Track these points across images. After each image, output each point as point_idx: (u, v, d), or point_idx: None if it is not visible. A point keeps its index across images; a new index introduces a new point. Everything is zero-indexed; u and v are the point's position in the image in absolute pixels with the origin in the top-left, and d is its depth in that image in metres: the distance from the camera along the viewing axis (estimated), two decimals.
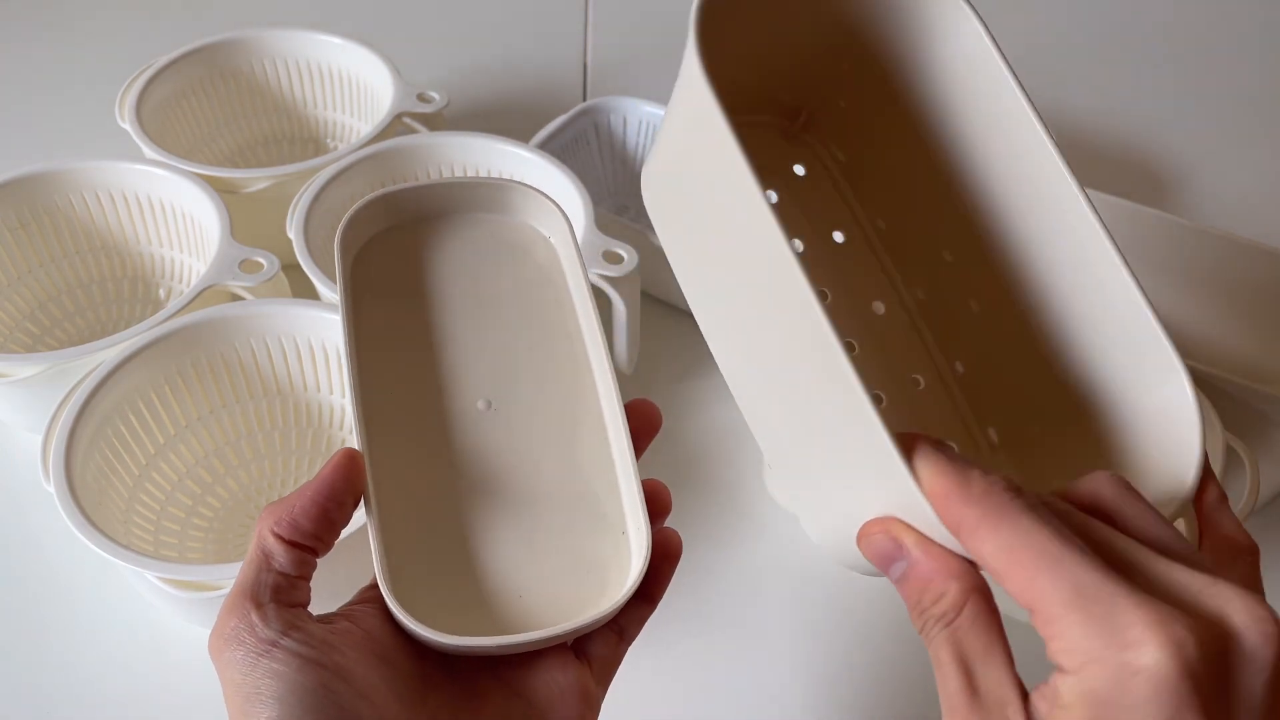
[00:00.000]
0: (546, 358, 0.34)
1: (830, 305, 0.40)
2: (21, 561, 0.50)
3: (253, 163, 0.71)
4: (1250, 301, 0.57)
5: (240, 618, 0.27)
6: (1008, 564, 0.23)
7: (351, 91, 0.70)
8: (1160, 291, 0.59)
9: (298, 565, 0.29)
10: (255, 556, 0.28)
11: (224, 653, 0.27)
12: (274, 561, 0.28)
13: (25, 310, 0.58)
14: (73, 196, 0.58)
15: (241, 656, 0.27)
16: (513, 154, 0.59)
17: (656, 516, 0.31)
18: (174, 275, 0.61)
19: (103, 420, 0.46)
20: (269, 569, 0.28)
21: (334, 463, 0.30)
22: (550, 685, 0.30)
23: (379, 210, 0.35)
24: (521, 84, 0.83)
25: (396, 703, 0.27)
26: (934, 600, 0.25)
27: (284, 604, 0.28)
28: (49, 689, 0.45)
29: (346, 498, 0.29)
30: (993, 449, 0.38)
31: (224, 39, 0.68)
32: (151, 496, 0.48)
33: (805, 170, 0.42)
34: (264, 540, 0.28)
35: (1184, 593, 0.22)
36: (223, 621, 0.27)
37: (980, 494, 0.23)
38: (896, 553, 0.26)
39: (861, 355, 0.40)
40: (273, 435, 0.53)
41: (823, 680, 0.46)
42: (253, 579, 0.28)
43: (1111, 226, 0.60)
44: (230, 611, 0.27)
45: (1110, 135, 0.80)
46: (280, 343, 0.51)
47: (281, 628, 0.27)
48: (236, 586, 0.28)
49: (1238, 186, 0.76)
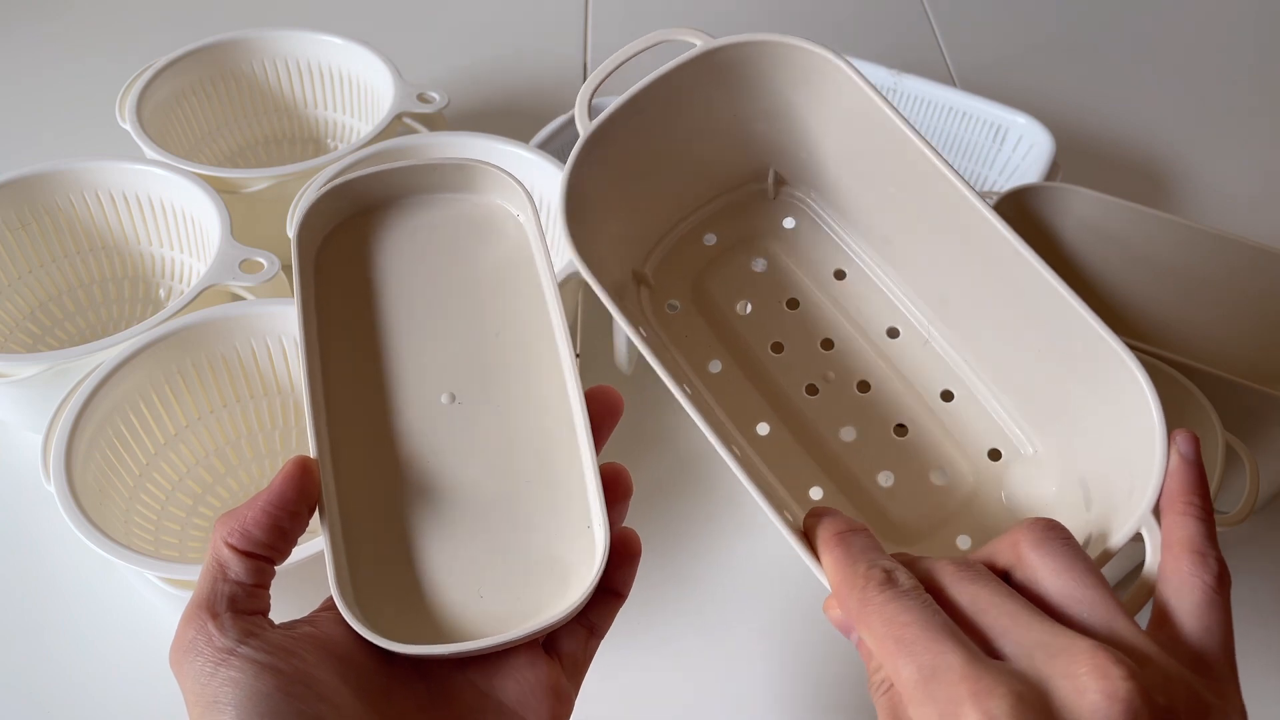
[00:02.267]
0: (512, 346, 0.33)
1: (835, 349, 0.42)
2: (22, 561, 0.50)
3: (253, 163, 0.71)
4: (1250, 301, 0.57)
5: (197, 629, 0.27)
6: (879, 650, 0.26)
7: (351, 91, 0.70)
8: (1161, 292, 0.59)
9: (254, 574, 0.28)
10: (211, 567, 0.28)
11: (183, 664, 0.27)
12: (229, 571, 0.28)
13: (26, 310, 0.58)
14: (73, 196, 0.58)
15: (199, 666, 0.26)
16: (513, 154, 0.59)
17: (619, 499, 0.31)
18: (174, 275, 0.61)
19: (103, 420, 0.46)
20: (225, 579, 0.28)
21: (285, 472, 0.29)
22: (520, 683, 0.30)
23: (337, 200, 0.34)
24: (521, 84, 0.83)
25: (360, 704, 0.27)
26: (873, 671, 0.27)
27: (241, 612, 0.28)
28: (49, 688, 0.45)
29: (299, 507, 0.29)
30: (976, 473, 0.39)
31: (224, 39, 0.68)
32: (152, 496, 0.48)
33: (795, 222, 0.44)
34: (218, 550, 0.28)
35: (1033, 655, 0.24)
36: (181, 633, 0.27)
37: (861, 584, 0.27)
38: (847, 628, 0.29)
39: (879, 382, 0.41)
40: (273, 435, 0.53)
41: (833, 680, 0.46)
42: (208, 590, 0.28)
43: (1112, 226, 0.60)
44: (188, 622, 0.27)
45: (1110, 135, 0.80)
46: (280, 343, 0.51)
47: (238, 636, 0.27)
48: (193, 598, 0.28)
49: (1238, 186, 0.76)
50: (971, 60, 0.88)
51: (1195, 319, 0.59)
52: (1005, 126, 0.69)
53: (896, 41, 0.90)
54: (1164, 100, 0.85)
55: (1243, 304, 0.57)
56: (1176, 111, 0.83)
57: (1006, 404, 0.39)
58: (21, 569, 0.50)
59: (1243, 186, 0.76)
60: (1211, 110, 0.84)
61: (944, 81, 0.75)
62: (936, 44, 0.90)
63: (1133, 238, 0.59)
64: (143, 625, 0.47)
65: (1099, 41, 0.92)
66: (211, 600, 0.27)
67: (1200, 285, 0.58)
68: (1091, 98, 0.84)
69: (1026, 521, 0.28)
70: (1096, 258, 0.60)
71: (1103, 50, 0.90)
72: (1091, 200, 0.59)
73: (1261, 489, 0.52)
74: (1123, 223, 0.59)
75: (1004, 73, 0.86)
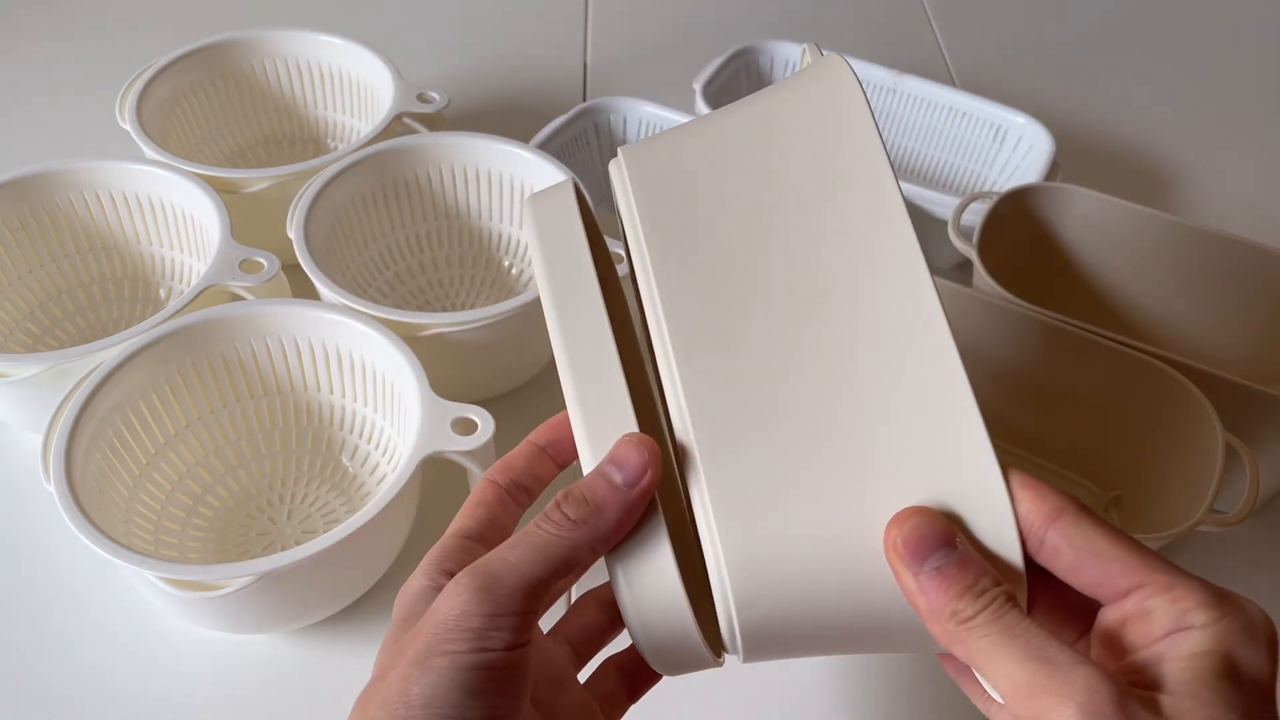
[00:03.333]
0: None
1: None
2: (21, 561, 0.50)
3: (253, 163, 0.71)
4: (1250, 301, 0.57)
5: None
6: (1115, 543, 0.25)
7: (351, 91, 0.70)
8: (1161, 292, 0.59)
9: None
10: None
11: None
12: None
13: (25, 310, 0.58)
14: (73, 196, 0.58)
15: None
16: (513, 154, 0.59)
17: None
18: (174, 275, 0.61)
19: (103, 420, 0.46)
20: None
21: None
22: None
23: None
24: (521, 84, 0.83)
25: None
26: (989, 586, 0.24)
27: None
28: (49, 688, 0.45)
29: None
30: None
31: (224, 39, 0.68)
32: (152, 496, 0.48)
33: None
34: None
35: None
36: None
37: (1072, 496, 0.26)
38: (949, 539, 0.25)
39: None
40: (273, 435, 0.53)
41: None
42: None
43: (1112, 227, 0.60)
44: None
45: (1110, 135, 0.80)
46: (280, 343, 0.51)
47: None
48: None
49: (1238, 187, 0.76)
50: (971, 60, 0.88)
51: (1195, 319, 0.59)
52: (1005, 126, 0.69)
53: (896, 41, 0.90)
54: (1164, 100, 0.84)
55: (1243, 304, 0.57)
56: (1176, 111, 0.83)
57: None
58: (21, 569, 0.50)
59: (1243, 186, 0.76)
60: (1211, 110, 0.84)
61: (944, 81, 0.75)
62: (936, 44, 0.90)
63: (1133, 238, 0.59)
64: (143, 625, 0.47)
65: (1099, 41, 0.92)
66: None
67: (1200, 285, 0.58)
68: (1091, 98, 0.84)
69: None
70: (1096, 258, 0.60)
71: (1103, 50, 0.90)
72: (1091, 200, 0.59)
73: (1261, 489, 0.52)
74: (1123, 223, 0.59)
75: (1004, 73, 0.86)
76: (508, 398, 0.57)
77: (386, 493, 0.42)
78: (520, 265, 0.63)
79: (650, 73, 0.84)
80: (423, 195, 0.61)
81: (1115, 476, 0.52)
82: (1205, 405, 0.46)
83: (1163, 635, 0.24)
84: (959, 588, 0.24)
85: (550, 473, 0.32)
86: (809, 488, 0.26)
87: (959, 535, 0.25)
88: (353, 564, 0.45)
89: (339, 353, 0.51)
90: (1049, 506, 0.25)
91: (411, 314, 0.50)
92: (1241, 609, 0.24)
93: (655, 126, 0.69)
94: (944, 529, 0.25)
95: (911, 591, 0.25)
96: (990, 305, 0.52)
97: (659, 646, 0.27)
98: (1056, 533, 0.25)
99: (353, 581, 0.46)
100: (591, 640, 0.33)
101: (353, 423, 0.53)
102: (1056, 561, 0.25)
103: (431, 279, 0.63)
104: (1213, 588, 0.25)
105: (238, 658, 0.46)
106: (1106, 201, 0.59)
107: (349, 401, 0.52)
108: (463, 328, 0.50)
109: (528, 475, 0.32)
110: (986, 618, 0.24)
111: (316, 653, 0.47)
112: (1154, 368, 0.48)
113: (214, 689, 0.45)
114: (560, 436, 0.32)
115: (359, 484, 0.52)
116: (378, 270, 0.61)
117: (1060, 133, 0.68)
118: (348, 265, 0.59)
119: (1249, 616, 0.24)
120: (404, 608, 0.28)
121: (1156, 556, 0.25)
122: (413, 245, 0.62)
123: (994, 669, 0.24)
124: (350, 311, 0.49)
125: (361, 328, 0.49)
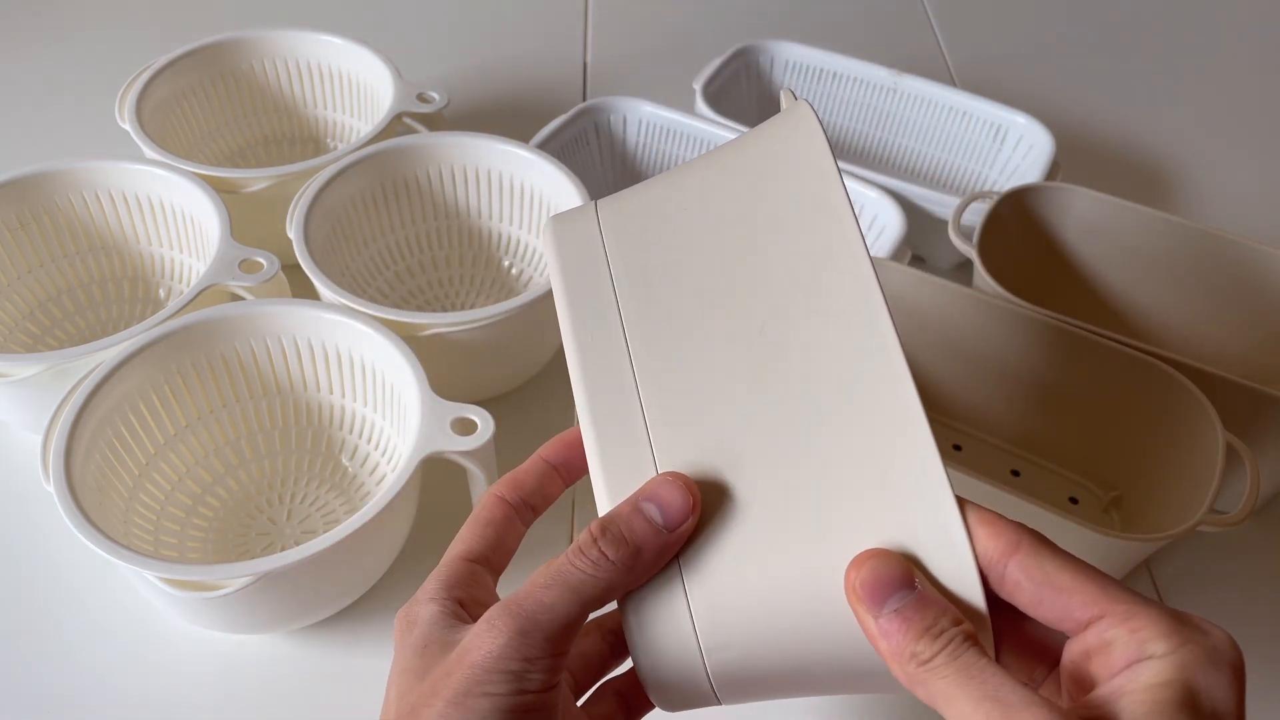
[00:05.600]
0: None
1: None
2: (21, 561, 0.50)
3: (253, 163, 0.71)
4: (1250, 302, 0.57)
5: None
6: (1075, 575, 0.25)
7: (351, 91, 0.70)
8: (1161, 292, 0.59)
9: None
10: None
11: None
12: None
13: (25, 310, 0.58)
14: (73, 196, 0.58)
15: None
16: (513, 154, 0.59)
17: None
18: (174, 275, 0.61)
19: (103, 420, 0.46)
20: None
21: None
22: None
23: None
24: (521, 84, 0.83)
25: None
26: (948, 626, 0.24)
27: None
28: (49, 688, 0.45)
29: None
30: None
31: (224, 39, 0.68)
32: (151, 496, 0.48)
33: None
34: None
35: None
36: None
37: (1029, 528, 0.25)
38: (908, 580, 0.25)
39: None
40: (273, 435, 0.53)
41: None
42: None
43: (1112, 226, 0.60)
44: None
45: (1110, 135, 0.80)
46: (280, 343, 0.51)
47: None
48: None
49: (1238, 187, 0.76)
50: (971, 60, 0.88)
51: (1195, 319, 0.59)
52: (1005, 126, 0.69)
53: (896, 41, 0.90)
54: (1164, 100, 0.84)
55: (1243, 304, 0.57)
56: (1176, 111, 0.83)
57: None
58: (21, 569, 0.50)
59: (1243, 186, 0.76)
60: (1212, 110, 0.84)
61: (944, 81, 0.75)
62: (936, 44, 0.90)
63: (1133, 237, 0.59)
64: (142, 625, 0.47)
65: (1099, 41, 0.92)
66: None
67: (1200, 285, 0.58)
68: (1091, 98, 0.84)
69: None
70: (1096, 258, 0.60)
71: (1103, 50, 0.90)
72: (1091, 200, 0.59)
73: (1261, 489, 0.52)
74: (1123, 223, 0.59)
75: (1004, 73, 0.86)
76: (508, 398, 0.57)
77: (386, 493, 0.42)
78: (520, 265, 0.63)
79: (650, 73, 0.84)
80: (423, 195, 0.61)
81: (1115, 476, 0.52)
82: (1205, 405, 0.46)
83: (1123, 667, 0.24)
84: (918, 629, 0.24)
85: (558, 491, 0.32)
86: (771, 534, 0.26)
87: (918, 575, 0.25)
88: (352, 564, 0.45)
89: (339, 353, 0.51)
90: (1006, 541, 0.25)
91: (411, 314, 0.50)
92: (1204, 635, 0.24)
93: (655, 126, 0.69)
94: (902, 570, 0.25)
95: (873, 634, 0.25)
96: (990, 305, 0.52)
97: (667, 686, 0.27)
98: (1015, 566, 0.25)
99: (352, 582, 0.46)
100: (592, 669, 0.33)
101: (352, 423, 0.53)
102: (1018, 596, 0.25)
103: (431, 279, 0.63)
104: (1173, 615, 0.24)
105: (238, 658, 0.46)
106: (1106, 201, 0.59)
107: (349, 401, 0.52)
108: (463, 328, 0.50)
109: (537, 494, 0.31)
110: (944, 658, 0.24)
111: (316, 653, 0.47)
112: (1154, 368, 0.48)
113: (214, 689, 0.45)
114: (573, 456, 0.32)
115: (359, 484, 0.52)
116: (378, 270, 0.61)
117: (1060, 133, 0.68)
118: (348, 265, 0.59)
119: (1212, 643, 0.23)
120: (420, 635, 0.28)
121: (1117, 586, 0.25)
122: (413, 245, 0.62)
123: (953, 711, 0.24)
124: (350, 311, 0.49)
125: (361, 328, 0.49)
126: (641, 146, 0.70)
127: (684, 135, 0.68)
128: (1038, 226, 0.60)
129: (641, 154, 0.70)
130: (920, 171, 0.74)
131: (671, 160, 0.70)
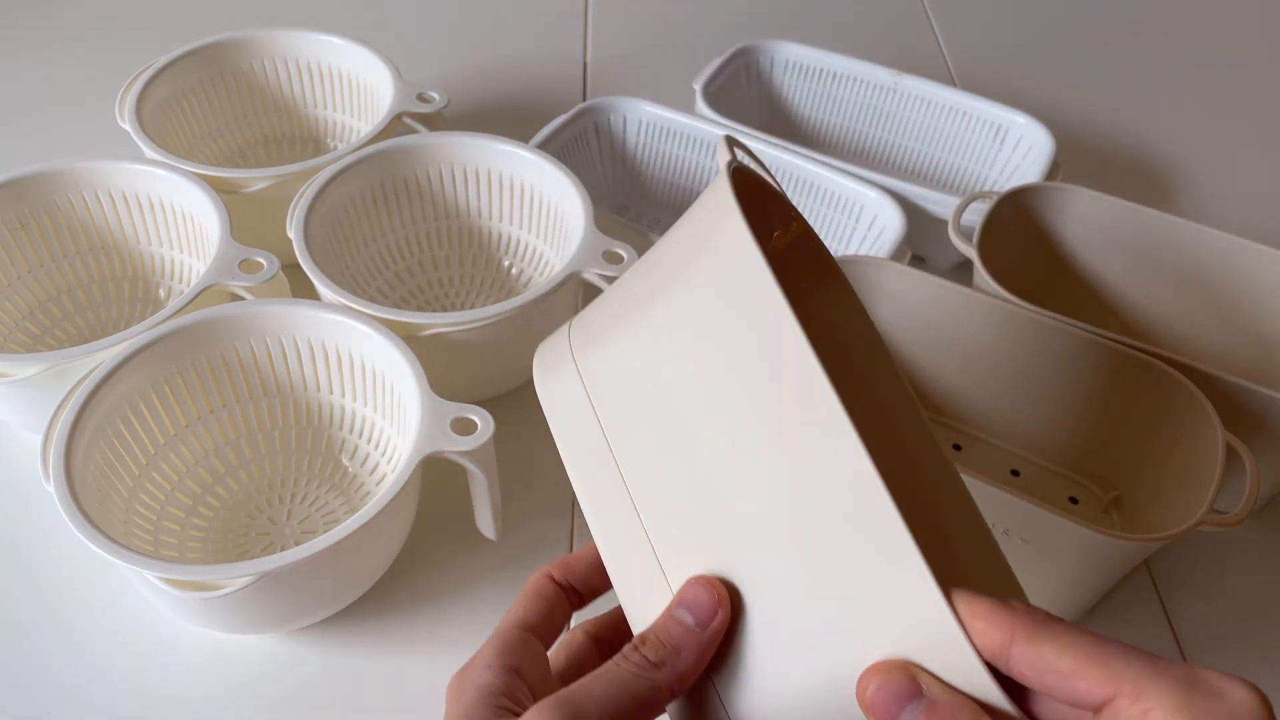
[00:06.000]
0: None
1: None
2: (21, 561, 0.50)
3: (253, 163, 0.71)
4: (1250, 301, 0.57)
5: None
6: (1076, 657, 0.24)
7: (351, 91, 0.70)
8: (1161, 292, 0.59)
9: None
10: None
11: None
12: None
13: (25, 310, 0.58)
14: (73, 196, 0.58)
15: None
16: (513, 154, 0.59)
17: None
18: (174, 275, 0.61)
19: (103, 420, 0.46)
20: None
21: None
22: None
23: None
24: (521, 84, 0.83)
25: None
26: None
27: None
28: (49, 688, 0.45)
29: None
30: None
31: (224, 39, 0.68)
32: (151, 496, 0.48)
33: None
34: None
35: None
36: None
37: (1024, 611, 0.24)
38: (914, 690, 0.25)
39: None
40: (273, 435, 0.53)
41: None
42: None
43: (1112, 226, 0.60)
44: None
45: (1110, 135, 0.80)
46: (280, 343, 0.51)
47: None
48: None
49: (1238, 187, 0.76)
50: (971, 60, 0.88)
51: (1195, 319, 0.59)
52: (1005, 126, 0.69)
53: (896, 41, 0.90)
54: (1164, 100, 0.84)
55: (1243, 304, 0.57)
56: (1177, 111, 0.83)
57: None
58: (21, 569, 0.50)
59: (1243, 186, 0.76)
60: (1212, 110, 0.84)
61: (944, 81, 0.75)
62: (936, 44, 0.90)
63: (1133, 238, 0.59)
64: (142, 625, 0.47)
65: (1099, 41, 0.92)
66: None
67: (1201, 285, 0.58)
68: (1091, 98, 0.84)
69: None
70: (1096, 258, 0.60)
71: (1103, 50, 0.90)
72: (1091, 200, 0.59)
73: (1261, 489, 0.52)
74: (1123, 223, 0.59)
75: (1004, 73, 0.86)
76: (508, 398, 0.57)
77: (386, 493, 0.42)
78: (520, 265, 0.63)
79: (650, 73, 0.84)
80: (423, 195, 0.61)
81: (1115, 476, 0.52)
82: (1205, 405, 0.46)
83: None
84: None
85: (606, 588, 0.32)
86: (780, 671, 0.27)
87: (924, 682, 0.25)
88: (352, 564, 0.45)
89: (339, 353, 0.51)
90: (1001, 634, 0.24)
91: (411, 314, 0.50)
92: (1219, 700, 0.22)
93: (655, 126, 0.69)
94: (906, 682, 0.25)
95: None
96: (990, 305, 0.52)
97: None
98: (1016, 658, 0.24)
99: (352, 582, 0.46)
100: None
101: (352, 423, 0.53)
102: (1029, 683, 0.25)
103: (431, 279, 0.63)
104: (1187, 682, 0.23)
105: (238, 658, 0.46)
106: (1106, 201, 0.59)
107: (349, 401, 0.52)
108: (463, 328, 0.50)
109: (584, 583, 0.32)
110: None
111: (316, 653, 0.47)
112: (1154, 368, 0.48)
113: (214, 689, 0.45)
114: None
115: (359, 484, 0.52)
116: (378, 270, 0.61)
117: (1060, 133, 0.68)
118: (347, 265, 0.59)
119: (1228, 709, 0.22)
120: (472, 703, 0.28)
121: (1124, 657, 0.23)
122: (412, 245, 0.62)
123: None
124: (350, 311, 0.49)
125: (361, 328, 0.49)
126: (641, 146, 0.70)
127: (684, 135, 0.68)
128: (1038, 226, 0.60)
129: (641, 154, 0.70)
130: (920, 171, 0.74)
131: (671, 160, 0.70)
